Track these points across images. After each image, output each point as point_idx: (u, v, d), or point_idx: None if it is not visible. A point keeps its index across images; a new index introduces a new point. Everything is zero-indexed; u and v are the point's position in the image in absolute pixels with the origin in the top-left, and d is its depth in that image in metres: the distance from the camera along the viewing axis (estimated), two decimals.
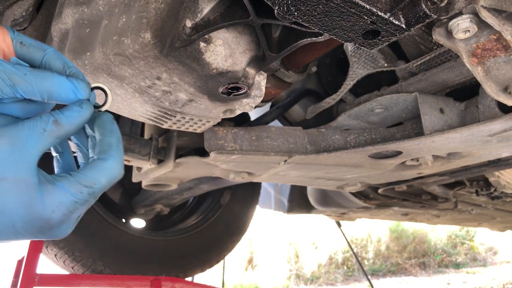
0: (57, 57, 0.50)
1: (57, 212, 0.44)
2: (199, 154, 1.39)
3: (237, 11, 0.76)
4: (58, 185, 0.44)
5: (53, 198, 0.44)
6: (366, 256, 7.48)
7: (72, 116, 0.47)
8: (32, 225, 0.44)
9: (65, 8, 0.85)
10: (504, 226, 3.33)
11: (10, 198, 0.42)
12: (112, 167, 0.48)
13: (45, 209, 0.43)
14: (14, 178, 0.42)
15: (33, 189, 0.43)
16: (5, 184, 0.42)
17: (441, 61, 1.18)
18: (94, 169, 0.47)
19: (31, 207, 0.43)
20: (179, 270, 2.21)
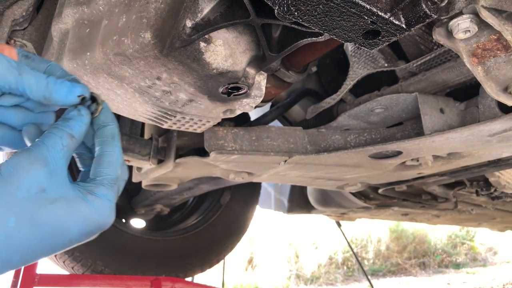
0: (59, 68, 0.53)
1: (110, 215, 0.48)
2: (199, 154, 1.39)
3: (237, 11, 0.76)
4: (98, 195, 0.47)
5: (103, 206, 0.47)
6: (366, 256, 7.48)
7: (79, 126, 0.49)
8: (90, 235, 0.47)
9: (65, 8, 0.85)
10: (504, 226, 3.33)
11: (67, 217, 0.45)
12: (118, 157, 0.51)
13: (101, 217, 0.47)
14: (63, 198, 0.45)
15: (84, 203, 0.46)
16: (58, 205, 0.44)
17: (441, 61, 1.18)
18: (109, 165, 0.50)
19: (89, 220, 0.46)
20: (179, 270, 2.21)
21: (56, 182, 0.45)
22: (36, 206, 0.43)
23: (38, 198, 0.43)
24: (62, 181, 0.46)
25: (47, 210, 0.44)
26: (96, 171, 0.50)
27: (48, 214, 0.43)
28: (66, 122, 0.48)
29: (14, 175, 0.43)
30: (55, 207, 0.44)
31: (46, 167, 0.45)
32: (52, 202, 0.44)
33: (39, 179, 0.44)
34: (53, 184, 0.45)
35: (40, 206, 0.43)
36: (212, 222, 2.37)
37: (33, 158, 0.44)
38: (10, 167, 0.43)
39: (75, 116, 0.49)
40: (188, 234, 2.29)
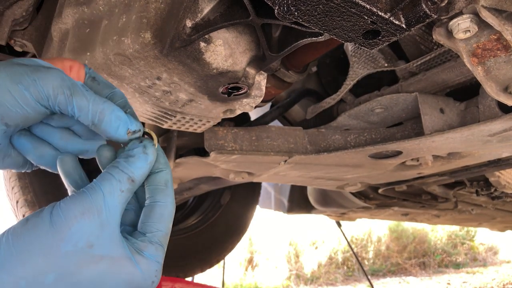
0: (122, 96, 0.49)
1: (156, 280, 0.43)
2: (199, 154, 1.39)
3: (237, 11, 0.76)
4: (146, 255, 0.42)
5: (150, 269, 0.42)
6: (366, 256, 7.48)
7: (142, 167, 0.43)
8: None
9: (65, 8, 0.85)
10: (504, 226, 3.33)
11: (110, 280, 0.40)
12: (171, 210, 0.46)
13: (145, 281, 0.42)
14: (109, 257, 0.40)
15: (130, 264, 0.41)
16: (103, 265, 0.39)
17: (441, 61, 1.18)
18: (160, 219, 0.45)
19: (132, 284, 0.41)
20: (179, 270, 2.21)
21: (107, 237, 0.40)
22: (79, 264, 0.38)
23: (84, 254, 0.38)
24: (112, 236, 0.40)
25: (90, 269, 0.39)
26: (146, 225, 0.44)
27: (90, 274, 0.39)
28: (128, 162, 0.43)
29: (63, 224, 0.38)
30: (99, 266, 0.39)
31: (99, 219, 0.39)
32: (97, 262, 0.39)
33: (88, 232, 0.39)
34: (103, 239, 0.40)
35: (83, 265, 0.38)
36: (212, 222, 2.37)
37: (86, 206, 0.39)
38: (61, 214, 0.38)
39: (139, 155, 0.44)
40: (188, 234, 2.29)
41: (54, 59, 0.48)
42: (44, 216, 0.38)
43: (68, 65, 0.47)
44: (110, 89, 0.49)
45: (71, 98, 0.43)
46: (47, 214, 0.38)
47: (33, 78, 0.41)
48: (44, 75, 0.42)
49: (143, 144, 0.45)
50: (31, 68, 0.42)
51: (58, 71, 0.43)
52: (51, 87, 0.42)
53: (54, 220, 0.38)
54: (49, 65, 0.45)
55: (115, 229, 0.41)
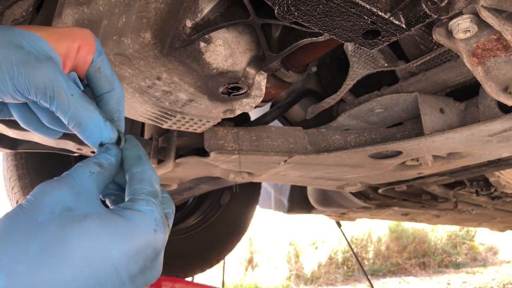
0: (118, 99, 0.50)
1: (159, 229, 0.41)
2: (199, 154, 1.39)
3: (237, 11, 0.76)
4: (138, 208, 0.41)
5: (146, 218, 0.41)
6: (366, 256, 7.48)
7: (106, 156, 0.46)
8: (141, 257, 0.39)
9: (65, 8, 0.85)
10: (504, 226, 3.33)
11: (103, 237, 0.37)
12: (151, 172, 0.47)
13: (147, 232, 0.40)
14: (95, 214, 0.39)
15: (122, 219, 0.39)
16: (90, 222, 0.38)
17: (441, 61, 1.18)
18: (142, 180, 0.45)
19: (132, 237, 0.39)
20: (179, 270, 2.21)
21: (84, 201, 0.40)
22: (62, 226, 0.37)
23: (64, 217, 0.37)
24: (91, 200, 0.41)
25: (76, 228, 0.37)
26: (130, 191, 0.44)
27: (79, 234, 0.36)
28: (95, 155, 0.46)
29: (35, 201, 0.38)
30: (85, 223, 0.37)
31: (72, 189, 0.40)
32: (82, 219, 0.37)
33: (63, 199, 0.39)
34: (81, 203, 0.39)
35: (67, 225, 0.37)
36: (212, 222, 2.37)
37: (55, 182, 0.40)
38: (32, 195, 0.39)
39: (101, 149, 0.47)
40: (188, 234, 2.29)
41: (64, 35, 0.47)
42: (23, 204, 0.39)
43: (77, 45, 0.47)
44: (110, 87, 0.49)
45: (52, 100, 0.43)
46: (25, 201, 0.39)
47: (20, 72, 0.41)
48: (32, 71, 0.42)
49: (105, 146, 0.47)
50: (23, 57, 0.42)
51: (50, 67, 0.43)
52: (34, 87, 0.42)
53: (27, 201, 0.38)
54: (46, 54, 0.44)
55: (93, 196, 0.41)
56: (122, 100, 0.51)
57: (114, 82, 0.50)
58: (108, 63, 0.51)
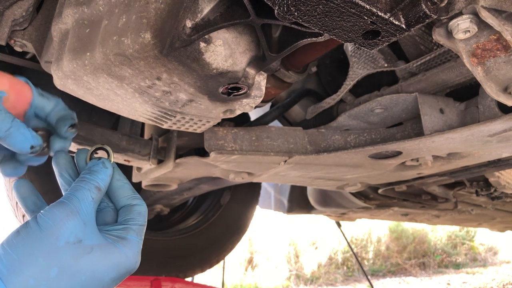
0: (64, 109, 0.61)
1: (138, 259, 0.51)
2: (199, 154, 1.39)
3: (237, 11, 0.76)
4: (129, 238, 0.51)
5: (133, 250, 0.50)
6: (366, 256, 7.48)
7: (104, 178, 0.53)
8: (119, 281, 0.49)
9: (65, 8, 0.85)
10: (504, 226, 3.33)
11: (102, 266, 0.47)
12: (145, 208, 0.56)
13: (130, 261, 0.50)
14: (98, 246, 0.48)
15: (116, 250, 0.49)
16: (94, 254, 0.47)
17: (441, 61, 1.18)
18: (139, 215, 0.54)
19: (120, 266, 0.49)
20: (179, 270, 2.21)
21: (90, 231, 0.48)
22: (75, 256, 0.45)
23: (76, 247, 0.46)
24: (94, 230, 0.49)
25: (85, 259, 0.46)
26: (127, 218, 0.53)
27: (85, 264, 0.46)
28: (92, 175, 0.52)
29: (53, 226, 0.45)
30: (91, 256, 0.46)
31: (81, 219, 0.47)
32: (89, 252, 0.46)
33: (75, 230, 0.46)
34: (87, 234, 0.47)
35: (78, 256, 0.46)
36: (212, 222, 2.37)
37: (68, 210, 0.47)
38: (48, 219, 0.45)
39: (100, 168, 0.53)
40: (188, 234, 2.29)
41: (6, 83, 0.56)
42: (32, 225, 0.45)
43: (18, 89, 0.57)
44: (54, 102, 0.60)
45: None
46: (34, 223, 0.45)
47: None
48: None
49: (101, 161, 0.55)
50: None
51: None
52: None
53: (42, 226, 0.45)
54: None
55: (94, 226, 0.49)
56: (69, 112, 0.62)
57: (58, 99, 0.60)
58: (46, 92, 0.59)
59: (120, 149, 1.39)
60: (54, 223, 0.45)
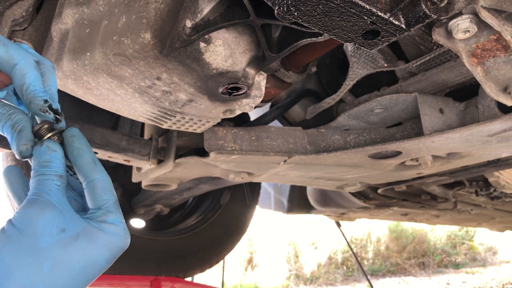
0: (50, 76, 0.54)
1: (127, 236, 0.50)
2: (199, 154, 1.39)
3: (237, 11, 0.76)
4: (110, 221, 0.49)
5: (118, 229, 0.49)
6: (366, 256, 7.48)
7: (59, 163, 0.50)
8: (114, 260, 0.49)
9: (65, 8, 0.85)
10: (503, 226, 3.34)
11: (93, 250, 0.46)
12: (109, 180, 0.52)
13: (121, 240, 0.49)
14: (83, 232, 0.46)
15: (101, 232, 0.48)
16: (82, 240, 0.46)
17: (440, 61, 1.18)
18: (105, 191, 0.51)
19: (112, 246, 0.48)
20: (179, 270, 2.21)
21: (70, 219, 0.46)
22: (63, 246, 0.44)
23: (62, 237, 0.45)
24: (74, 217, 0.47)
25: (74, 247, 0.45)
26: (96, 200, 0.50)
27: (76, 251, 0.45)
28: (46, 167, 0.49)
29: (31, 224, 0.44)
30: (80, 243, 0.45)
31: (56, 209, 0.46)
32: (75, 239, 0.45)
33: (55, 221, 0.45)
34: (69, 222, 0.46)
35: (67, 245, 0.45)
36: (212, 222, 2.37)
37: (40, 204, 0.45)
38: (23, 219, 0.44)
39: (49, 156, 0.49)
40: (188, 234, 2.29)
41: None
42: (8, 229, 0.44)
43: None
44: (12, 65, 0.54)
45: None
46: (10, 227, 0.44)
47: None
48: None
49: (45, 145, 0.50)
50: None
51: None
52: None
53: (19, 227, 0.44)
54: None
55: (72, 211, 0.48)
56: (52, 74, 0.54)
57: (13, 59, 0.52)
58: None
59: (120, 149, 1.39)
60: (31, 221, 0.44)
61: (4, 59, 0.50)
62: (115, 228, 0.48)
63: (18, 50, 0.51)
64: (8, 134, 0.51)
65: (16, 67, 0.50)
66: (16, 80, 0.51)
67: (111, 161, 1.46)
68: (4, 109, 0.51)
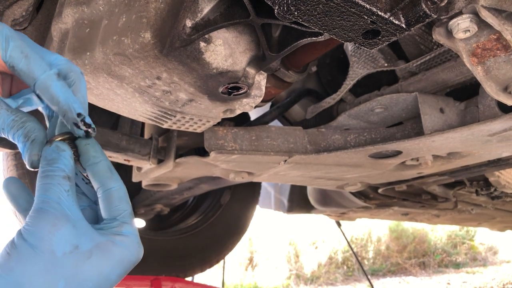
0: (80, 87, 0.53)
1: (140, 250, 0.48)
2: (199, 154, 1.39)
3: (237, 11, 0.76)
4: (125, 233, 0.47)
5: (133, 243, 0.47)
6: (366, 256, 7.48)
7: (67, 163, 0.47)
8: (125, 274, 0.47)
9: (65, 8, 0.85)
10: (504, 226, 3.33)
11: (106, 267, 0.45)
12: (125, 189, 0.50)
13: (133, 255, 0.47)
14: (97, 248, 0.45)
15: (115, 246, 0.46)
16: (95, 257, 0.44)
17: (441, 60, 1.18)
18: (121, 200, 0.49)
19: (124, 262, 0.46)
20: (179, 270, 2.21)
21: (83, 233, 0.44)
22: (77, 265, 0.43)
23: (75, 255, 0.43)
24: (86, 229, 0.45)
25: (87, 265, 0.43)
26: (112, 210, 0.49)
27: (89, 270, 0.43)
28: (53, 165, 0.47)
29: (44, 241, 0.42)
30: (93, 260, 0.44)
31: (69, 222, 0.44)
32: (89, 256, 0.44)
33: (68, 237, 0.43)
34: (82, 236, 0.44)
35: (80, 264, 0.43)
36: (212, 222, 2.37)
37: (53, 218, 0.43)
38: (35, 235, 0.42)
39: (57, 154, 0.47)
40: (188, 234, 2.29)
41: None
42: (19, 244, 0.42)
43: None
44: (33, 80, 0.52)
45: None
46: (21, 242, 0.42)
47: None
48: None
49: (55, 145, 0.48)
50: None
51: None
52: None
53: (32, 243, 0.41)
54: None
55: (84, 223, 0.45)
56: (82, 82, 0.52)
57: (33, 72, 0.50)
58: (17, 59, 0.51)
59: (120, 149, 1.40)
60: (44, 236, 0.42)
61: (25, 72, 0.49)
62: (129, 241, 0.47)
63: (39, 63, 0.49)
64: (20, 142, 0.49)
65: (37, 83, 0.49)
66: (43, 95, 0.50)
67: (111, 161, 1.46)
68: (17, 116, 0.49)
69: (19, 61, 0.48)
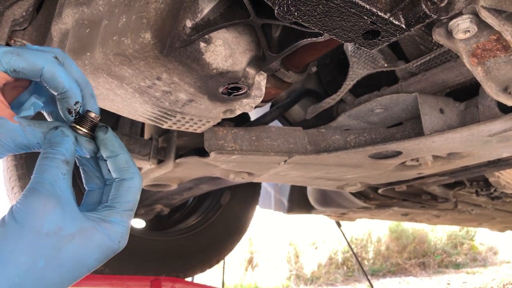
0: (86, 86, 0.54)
1: (122, 240, 0.49)
2: (199, 154, 1.39)
3: (237, 11, 0.76)
4: (112, 220, 0.48)
5: (115, 232, 0.48)
6: (366, 256, 7.48)
7: (69, 148, 0.48)
8: (105, 260, 0.49)
9: (65, 8, 0.85)
10: (504, 226, 3.33)
11: (85, 251, 0.46)
12: (138, 183, 0.51)
13: (113, 242, 0.48)
14: (79, 232, 0.46)
15: (97, 232, 0.47)
16: (77, 241, 0.45)
17: (441, 61, 1.18)
18: (128, 191, 0.50)
19: (103, 248, 0.47)
20: (179, 270, 2.21)
21: (70, 216, 0.45)
22: (57, 247, 0.44)
23: (58, 238, 0.44)
24: (74, 214, 0.46)
25: (67, 247, 0.45)
26: (115, 198, 0.50)
27: (69, 252, 0.45)
28: (55, 148, 0.47)
29: (32, 220, 0.43)
30: (74, 243, 0.45)
31: (58, 204, 0.45)
32: (71, 240, 0.45)
33: (55, 218, 0.44)
34: (68, 220, 0.45)
35: (61, 246, 0.44)
36: (212, 222, 2.37)
37: (44, 198, 0.44)
38: (25, 213, 0.43)
39: (61, 139, 0.48)
40: (188, 234, 2.29)
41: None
42: (9, 221, 0.43)
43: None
44: (38, 71, 0.52)
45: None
46: (11, 219, 0.43)
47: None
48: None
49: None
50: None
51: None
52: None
53: (20, 221, 0.43)
54: None
55: (74, 207, 0.46)
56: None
57: (36, 64, 0.50)
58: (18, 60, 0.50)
59: None
60: (33, 216, 0.43)
61: (27, 69, 0.49)
62: (113, 229, 0.48)
63: (34, 54, 0.50)
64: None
65: (44, 73, 0.49)
66: (49, 83, 0.50)
67: None
68: (42, 127, 0.50)
69: (17, 62, 0.49)
